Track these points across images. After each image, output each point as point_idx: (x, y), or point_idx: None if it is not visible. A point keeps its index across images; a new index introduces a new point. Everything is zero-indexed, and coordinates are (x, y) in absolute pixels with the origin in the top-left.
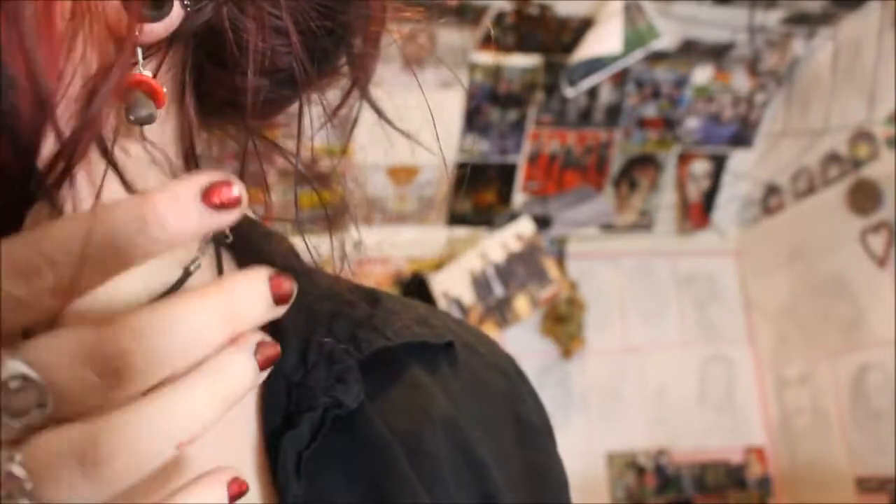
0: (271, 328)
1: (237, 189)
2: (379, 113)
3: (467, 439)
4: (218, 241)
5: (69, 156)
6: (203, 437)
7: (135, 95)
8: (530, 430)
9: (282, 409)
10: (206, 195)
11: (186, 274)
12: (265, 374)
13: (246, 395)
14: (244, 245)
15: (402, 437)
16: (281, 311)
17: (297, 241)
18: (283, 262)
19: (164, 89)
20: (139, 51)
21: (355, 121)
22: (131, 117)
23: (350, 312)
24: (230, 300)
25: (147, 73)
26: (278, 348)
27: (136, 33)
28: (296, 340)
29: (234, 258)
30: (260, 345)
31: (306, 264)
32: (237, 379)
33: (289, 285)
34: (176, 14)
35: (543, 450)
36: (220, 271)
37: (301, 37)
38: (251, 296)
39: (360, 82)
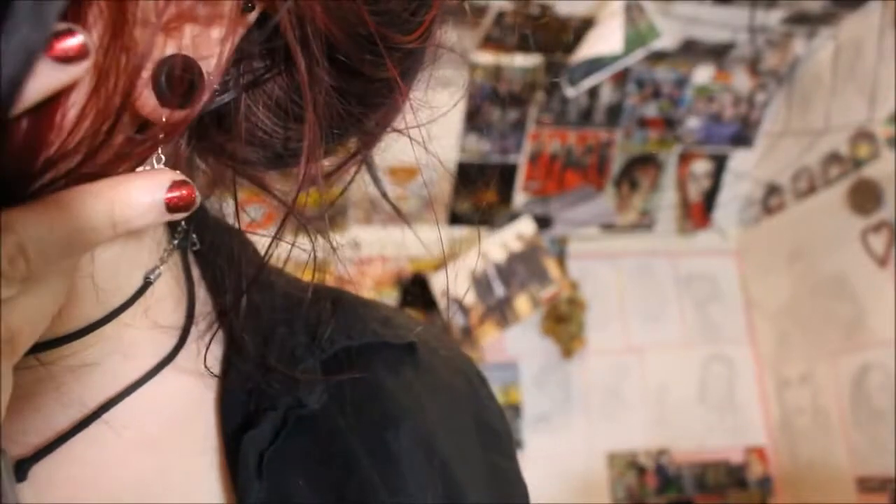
0: (235, 326)
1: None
2: (377, 183)
3: (431, 440)
4: (184, 248)
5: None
6: (162, 439)
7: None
8: (493, 434)
9: (242, 409)
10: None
11: (146, 283)
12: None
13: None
14: (216, 252)
15: (365, 438)
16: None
17: (257, 241)
18: (255, 269)
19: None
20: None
21: (350, 182)
22: None
23: (312, 311)
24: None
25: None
26: None
27: (163, 118)
28: (256, 339)
29: (199, 265)
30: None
31: (272, 265)
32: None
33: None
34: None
35: (506, 455)
36: (188, 278)
37: (316, 120)
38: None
39: (366, 156)
